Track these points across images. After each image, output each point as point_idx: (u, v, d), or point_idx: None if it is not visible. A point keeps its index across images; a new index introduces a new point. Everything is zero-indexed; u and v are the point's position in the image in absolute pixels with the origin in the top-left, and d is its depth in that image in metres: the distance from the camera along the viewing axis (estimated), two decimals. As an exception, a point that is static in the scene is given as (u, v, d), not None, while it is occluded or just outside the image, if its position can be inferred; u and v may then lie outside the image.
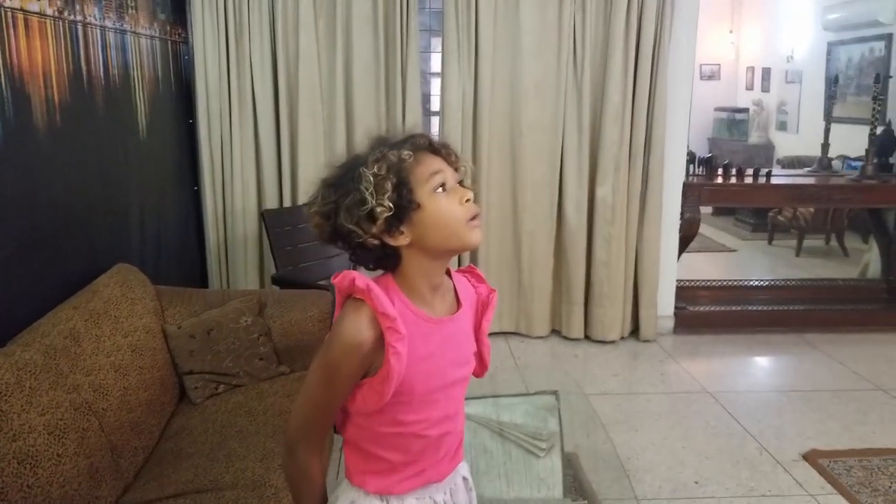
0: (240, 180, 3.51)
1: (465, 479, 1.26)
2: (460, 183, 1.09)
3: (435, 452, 1.15)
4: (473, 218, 1.06)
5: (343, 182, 1.04)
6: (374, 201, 1.01)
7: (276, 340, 2.51)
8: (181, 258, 3.31)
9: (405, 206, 1.02)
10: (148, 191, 2.86)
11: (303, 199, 3.54)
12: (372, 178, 1.01)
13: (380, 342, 1.04)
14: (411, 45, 3.49)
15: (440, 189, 1.05)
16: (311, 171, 3.50)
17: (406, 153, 1.04)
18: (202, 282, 3.59)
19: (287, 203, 3.57)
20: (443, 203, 1.05)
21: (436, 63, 3.81)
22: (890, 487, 2.49)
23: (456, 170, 1.09)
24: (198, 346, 2.32)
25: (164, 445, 2.05)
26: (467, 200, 1.06)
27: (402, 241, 1.04)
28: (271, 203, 3.56)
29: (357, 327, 1.03)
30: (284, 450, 1.14)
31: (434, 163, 1.07)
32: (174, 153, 3.29)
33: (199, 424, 2.14)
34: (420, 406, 1.10)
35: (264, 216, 3.28)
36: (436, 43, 3.89)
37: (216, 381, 2.33)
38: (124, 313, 2.12)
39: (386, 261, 1.08)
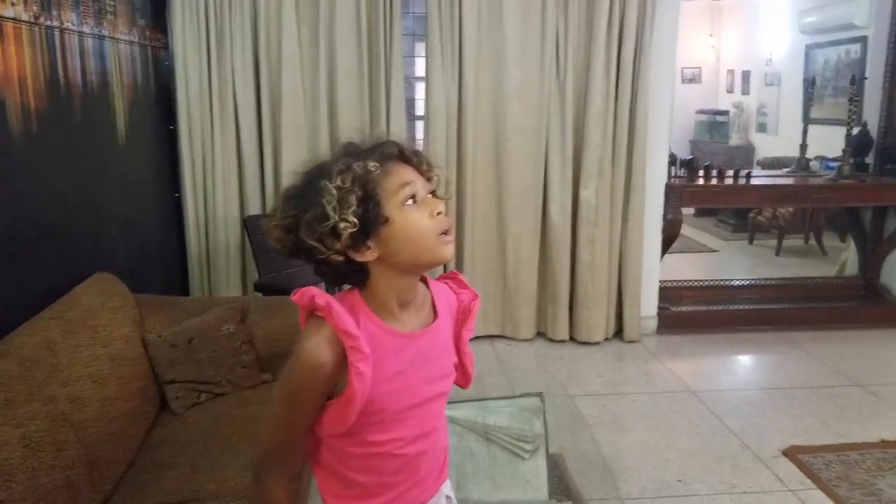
0: (222, 187, 3.49)
1: (448, 497, 1.20)
2: (433, 193, 1.03)
3: (413, 473, 1.09)
4: (445, 232, 1.01)
5: (304, 194, 0.98)
6: (336, 217, 0.94)
7: (259, 348, 2.49)
8: (162, 266, 3.28)
9: (372, 221, 0.96)
10: (128, 198, 2.84)
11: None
12: (335, 192, 0.95)
13: (342, 361, 0.98)
14: (395, 50, 3.49)
15: (410, 201, 0.99)
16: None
17: (372, 164, 0.97)
18: (184, 290, 3.56)
19: (270, 210, 3.55)
20: (412, 216, 0.99)
21: (420, 68, 3.82)
22: (867, 481, 2.53)
23: (428, 179, 1.03)
24: (179, 354, 2.30)
25: (144, 457, 2.01)
26: (439, 213, 1.00)
27: (368, 256, 0.99)
28: (254, 210, 3.54)
29: (317, 348, 0.97)
30: (252, 476, 1.08)
31: (404, 173, 1.00)
32: (155, 160, 3.26)
33: (181, 434, 2.12)
34: (392, 425, 1.04)
35: (247, 223, 3.27)
36: (420, 48, 3.90)
37: (198, 390, 2.31)
38: (103, 323, 2.10)
39: (352, 276, 1.02)
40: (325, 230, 0.95)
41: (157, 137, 3.29)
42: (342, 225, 0.95)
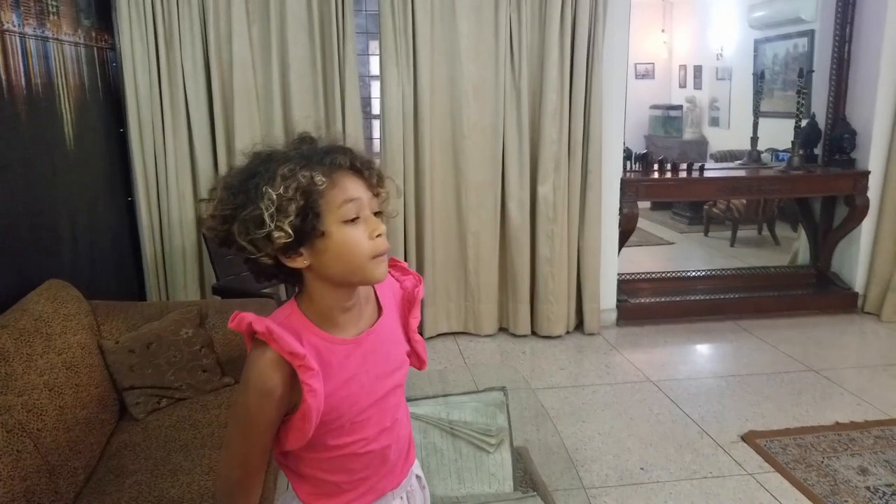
0: (175, 190, 3.42)
1: (418, 477, 1.23)
2: (378, 213, 1.01)
3: (382, 465, 1.11)
4: (381, 255, 0.99)
5: (244, 189, 0.95)
6: (272, 225, 0.92)
7: (219, 351, 2.47)
8: (117, 272, 3.21)
9: (308, 233, 0.94)
10: (78, 203, 2.77)
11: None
12: (275, 199, 0.92)
13: (292, 381, 0.97)
14: (348, 49, 3.47)
15: (351, 220, 0.97)
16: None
17: (320, 178, 0.94)
18: (140, 295, 3.49)
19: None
20: (350, 235, 0.96)
21: (375, 66, 3.80)
22: (822, 462, 2.61)
23: (376, 195, 1.01)
24: (137, 360, 2.26)
25: (105, 464, 1.98)
26: (378, 235, 0.98)
27: (299, 263, 0.97)
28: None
29: (264, 374, 0.96)
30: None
31: (351, 188, 0.97)
32: (105, 164, 3.18)
33: (142, 440, 2.09)
34: (353, 427, 1.05)
35: (202, 226, 3.21)
36: (374, 46, 3.88)
37: (158, 395, 2.28)
38: (57, 330, 2.05)
39: (281, 277, 1.01)
40: (259, 235, 0.93)
41: (106, 141, 3.21)
42: (276, 234, 0.93)
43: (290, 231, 0.93)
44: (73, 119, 2.75)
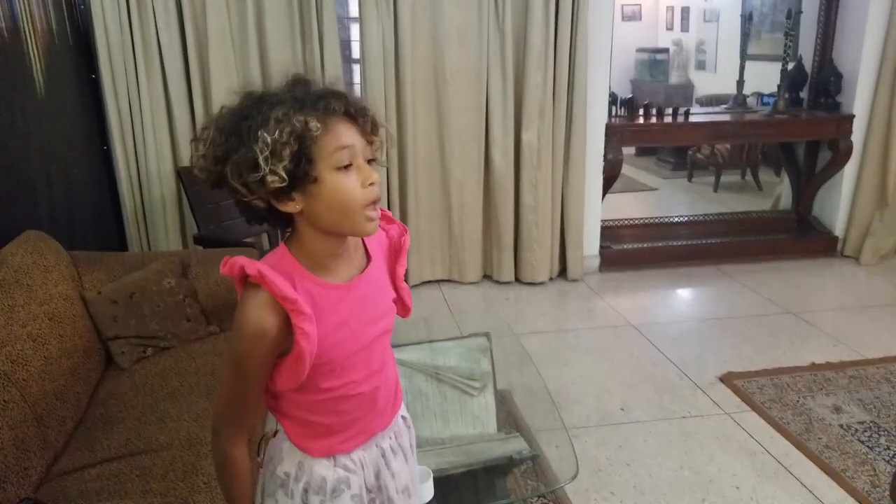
0: (152, 138, 3.33)
1: (403, 417, 1.27)
2: (370, 161, 1.00)
3: (372, 407, 1.14)
4: (374, 203, 0.99)
5: (236, 131, 0.94)
6: (266, 169, 0.91)
7: (203, 301, 2.46)
8: (97, 223, 3.17)
9: (300, 178, 0.94)
10: (52, 154, 2.71)
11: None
12: (270, 143, 0.91)
13: (285, 324, 0.98)
14: (326, -12, 3.36)
15: (344, 167, 0.96)
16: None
17: (314, 124, 0.93)
18: (121, 246, 3.46)
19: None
20: (342, 181, 0.96)
21: (354, 7, 3.69)
22: (797, 401, 2.69)
23: (370, 143, 1.00)
24: (121, 311, 2.26)
25: (93, 412, 2.00)
26: (371, 184, 0.98)
27: (291, 208, 0.97)
28: (187, 160, 3.43)
29: (258, 316, 0.96)
30: (211, 434, 1.10)
31: (345, 134, 0.96)
32: (78, 112, 3.09)
33: (129, 389, 2.10)
34: (343, 371, 1.07)
35: (181, 174, 3.17)
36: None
37: (143, 344, 2.28)
38: (38, 282, 2.04)
39: (273, 220, 1.01)
40: (253, 178, 0.93)
41: (78, 88, 3.11)
42: (270, 178, 0.92)
43: (283, 175, 0.92)
44: (42, 66, 2.67)
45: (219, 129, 0.96)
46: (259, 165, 0.91)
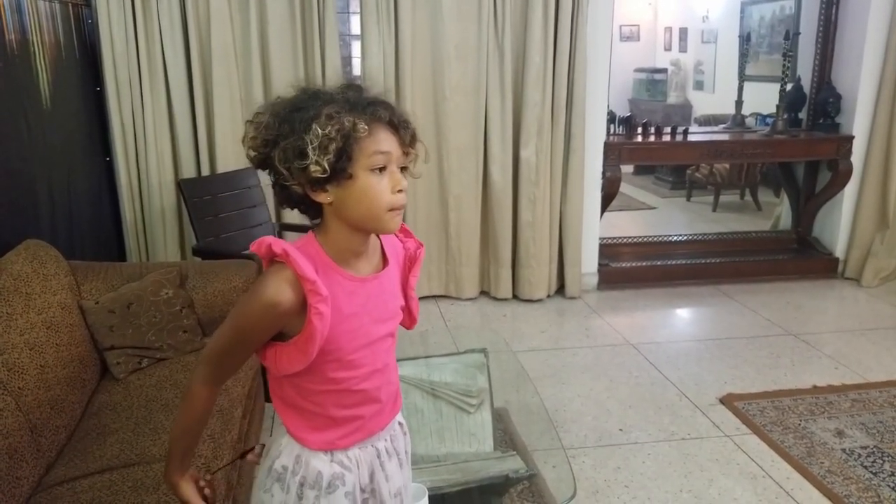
0: (154, 150, 3.36)
1: (400, 423, 1.30)
2: (404, 168, 1.08)
3: (374, 404, 1.18)
4: (398, 209, 1.06)
5: (289, 120, 1.01)
6: (314, 158, 0.99)
7: (199, 312, 2.46)
8: (96, 232, 3.17)
9: (338, 172, 1.01)
10: (55, 163, 2.72)
11: (221, 166, 3.43)
12: (320, 135, 0.99)
13: (300, 305, 1.03)
14: (328, 5, 3.40)
15: (378, 170, 1.03)
16: (229, 139, 3.40)
17: (362, 126, 1.00)
18: (120, 256, 3.46)
19: (205, 171, 3.46)
20: (374, 183, 1.03)
21: (356, 25, 3.73)
22: (799, 424, 2.66)
23: (405, 153, 1.07)
24: (118, 320, 2.25)
25: (87, 422, 1.99)
26: (399, 191, 1.05)
27: (322, 198, 1.04)
28: (188, 172, 3.44)
29: (276, 287, 1.03)
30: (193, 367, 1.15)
31: (385, 141, 1.04)
32: (83, 123, 3.12)
33: (124, 399, 2.09)
34: (348, 363, 1.12)
35: (181, 186, 3.18)
36: (354, 3, 3.80)
37: (139, 355, 2.27)
38: (36, 290, 2.03)
39: (303, 207, 1.08)
40: (298, 165, 1.00)
41: (84, 100, 3.14)
42: (314, 168, 0.99)
43: (326, 167, 0.99)
44: (48, 78, 2.69)
45: (274, 115, 1.03)
46: (306, 154, 0.99)
